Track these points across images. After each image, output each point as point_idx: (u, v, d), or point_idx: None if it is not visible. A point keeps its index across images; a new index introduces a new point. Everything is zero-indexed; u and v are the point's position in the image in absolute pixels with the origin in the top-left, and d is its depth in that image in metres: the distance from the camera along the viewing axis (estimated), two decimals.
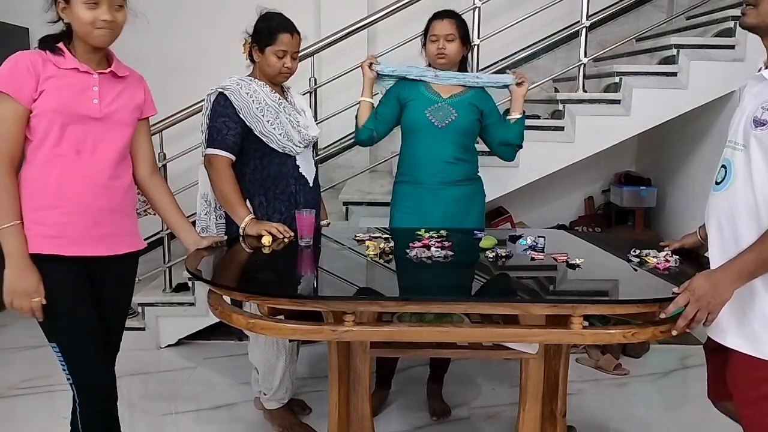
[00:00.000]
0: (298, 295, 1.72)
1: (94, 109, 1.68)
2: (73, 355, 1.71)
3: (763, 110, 1.41)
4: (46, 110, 1.62)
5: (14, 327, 3.62)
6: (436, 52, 2.43)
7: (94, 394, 1.74)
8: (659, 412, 2.67)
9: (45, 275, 1.64)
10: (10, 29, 3.97)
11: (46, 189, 1.64)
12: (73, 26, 1.65)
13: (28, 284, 1.61)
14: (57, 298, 1.66)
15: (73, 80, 1.66)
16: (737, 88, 3.15)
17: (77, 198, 1.68)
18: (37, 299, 1.62)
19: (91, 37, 1.65)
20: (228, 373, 3.04)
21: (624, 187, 3.93)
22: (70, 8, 1.62)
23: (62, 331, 1.69)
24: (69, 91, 1.64)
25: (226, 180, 2.18)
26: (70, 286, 1.68)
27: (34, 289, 1.62)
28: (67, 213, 1.67)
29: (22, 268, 1.61)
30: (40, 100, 1.61)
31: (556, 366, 2.04)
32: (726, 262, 1.44)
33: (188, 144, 3.26)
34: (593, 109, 3.22)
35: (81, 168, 1.68)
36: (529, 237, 2.10)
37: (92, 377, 1.74)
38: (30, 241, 1.63)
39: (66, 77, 1.65)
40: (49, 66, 1.63)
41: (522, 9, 3.61)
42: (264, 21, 2.23)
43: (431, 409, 2.63)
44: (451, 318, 1.90)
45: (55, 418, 2.61)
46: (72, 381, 1.72)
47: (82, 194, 1.68)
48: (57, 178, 1.65)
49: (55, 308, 1.66)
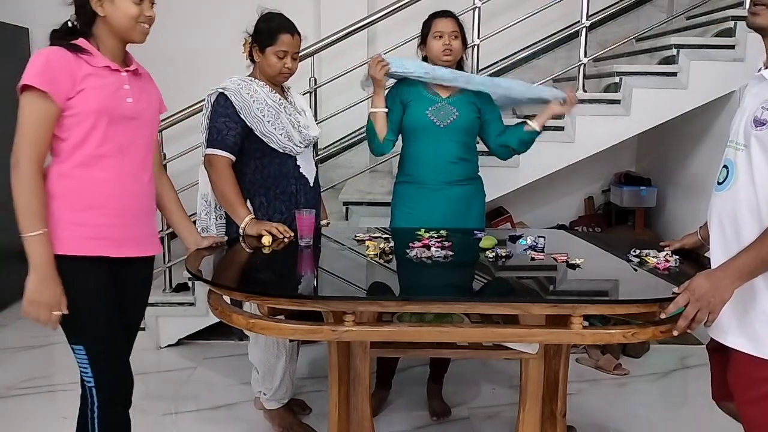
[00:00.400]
0: (298, 295, 1.72)
1: (129, 108, 1.66)
2: (99, 356, 1.66)
3: (763, 110, 1.41)
4: (88, 110, 1.57)
5: (14, 327, 3.62)
6: (442, 49, 2.41)
7: (117, 394, 1.72)
8: (659, 412, 2.67)
9: (79, 277, 1.60)
10: (10, 29, 3.98)
11: (88, 189, 1.61)
12: (112, 21, 1.60)
13: (51, 296, 1.55)
14: (90, 300, 1.62)
15: (108, 79, 1.62)
16: (737, 88, 3.15)
17: (118, 199, 1.66)
18: (57, 312, 1.57)
19: (134, 32, 1.63)
20: (228, 373, 3.04)
21: (624, 187, 3.93)
22: (112, 2, 1.59)
23: (91, 333, 1.65)
24: (107, 90, 1.61)
25: (225, 180, 2.18)
26: (103, 288, 1.66)
27: (56, 302, 1.56)
28: (108, 214, 1.65)
29: (47, 279, 1.55)
30: (78, 100, 1.56)
31: (556, 366, 2.04)
32: (726, 261, 1.44)
33: (188, 144, 3.26)
34: (593, 109, 3.22)
35: (122, 168, 1.66)
36: (529, 237, 2.10)
37: (117, 377, 1.71)
38: (69, 243, 1.59)
39: (101, 76, 1.60)
40: (82, 64, 1.57)
41: (522, 9, 3.61)
42: (265, 21, 2.23)
43: (431, 409, 2.63)
44: (451, 318, 1.90)
45: (55, 418, 2.61)
46: (92, 382, 1.67)
47: (121, 195, 1.67)
48: (100, 179, 1.62)
49: (86, 310, 1.62)
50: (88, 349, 1.65)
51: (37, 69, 1.51)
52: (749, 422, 1.51)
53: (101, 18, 1.61)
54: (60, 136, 1.58)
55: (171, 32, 4.02)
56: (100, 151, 1.61)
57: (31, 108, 1.53)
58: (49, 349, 3.33)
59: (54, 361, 3.21)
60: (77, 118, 1.57)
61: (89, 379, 1.67)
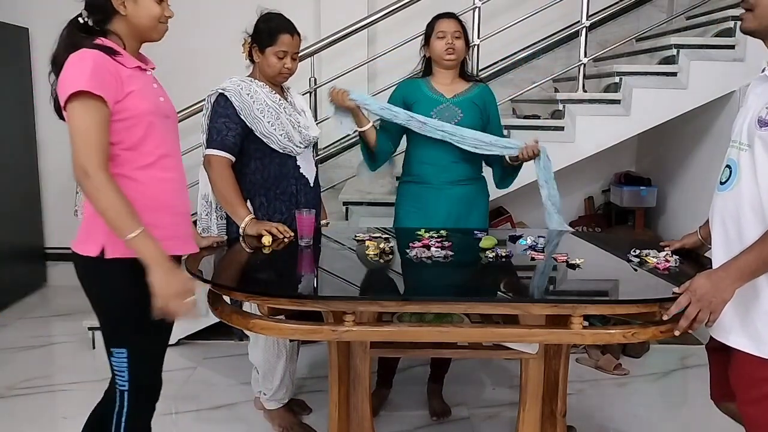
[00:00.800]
0: (298, 295, 1.72)
1: (164, 106, 1.66)
2: (139, 361, 1.63)
3: (767, 110, 1.41)
4: (141, 113, 1.56)
5: (14, 327, 3.62)
6: (445, 48, 2.42)
7: (148, 400, 1.70)
8: (659, 412, 2.67)
9: (134, 279, 1.52)
10: (10, 29, 3.98)
11: (153, 190, 1.60)
12: (134, 20, 1.59)
13: (180, 285, 1.50)
14: (142, 303, 1.53)
15: (142, 79, 1.61)
16: (737, 88, 3.15)
17: (178, 197, 1.68)
18: (191, 298, 1.51)
19: (156, 31, 1.63)
20: (228, 373, 3.04)
21: (624, 187, 3.93)
22: (135, 2, 1.58)
23: (137, 337, 1.62)
24: (148, 90, 1.60)
25: (225, 180, 2.18)
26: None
27: (185, 288, 1.50)
28: (175, 213, 1.67)
29: (167, 271, 1.49)
30: (128, 103, 1.53)
31: (556, 366, 2.04)
32: (727, 261, 1.44)
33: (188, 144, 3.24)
34: (593, 109, 3.22)
35: (177, 166, 1.69)
36: (529, 237, 2.10)
37: (151, 384, 1.70)
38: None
39: (137, 77, 1.59)
40: (119, 66, 1.54)
41: (522, 9, 3.61)
42: (264, 22, 2.23)
43: (431, 409, 2.63)
44: (451, 318, 1.90)
45: (55, 418, 2.62)
46: (126, 386, 1.63)
47: (180, 193, 1.69)
48: (162, 179, 1.62)
49: (137, 314, 1.57)
50: (131, 352, 1.62)
51: (87, 74, 1.46)
52: (751, 422, 1.51)
53: (122, 17, 1.59)
54: (110, 140, 1.53)
55: (171, 32, 4.01)
56: (158, 152, 1.61)
57: (88, 113, 1.47)
58: (49, 349, 3.33)
59: (54, 361, 3.21)
60: (130, 121, 1.55)
61: (123, 383, 1.63)
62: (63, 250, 4.30)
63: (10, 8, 3.99)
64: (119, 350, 1.62)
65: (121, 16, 1.59)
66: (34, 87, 4.18)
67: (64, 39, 1.58)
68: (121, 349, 1.62)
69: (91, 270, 1.58)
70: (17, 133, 4.09)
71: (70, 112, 1.48)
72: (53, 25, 1.65)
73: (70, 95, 1.47)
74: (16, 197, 4.02)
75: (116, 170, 1.55)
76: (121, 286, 1.58)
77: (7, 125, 3.96)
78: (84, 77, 1.46)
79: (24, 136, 4.17)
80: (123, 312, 1.60)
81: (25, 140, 4.18)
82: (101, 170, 1.46)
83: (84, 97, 1.46)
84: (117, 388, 1.65)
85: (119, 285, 1.58)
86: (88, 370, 3.00)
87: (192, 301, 1.52)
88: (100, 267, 1.56)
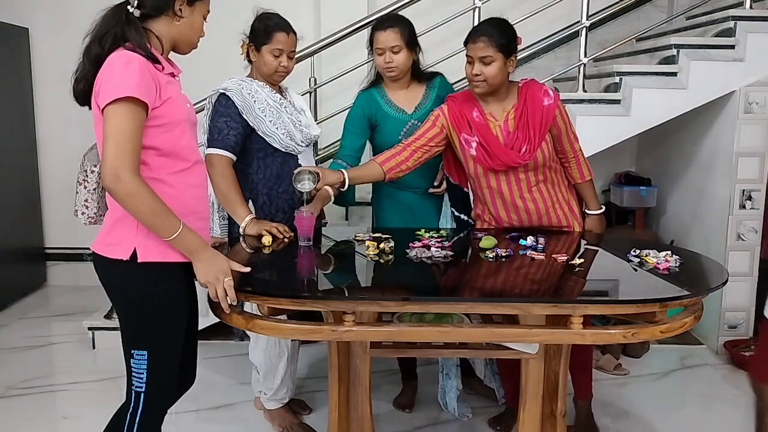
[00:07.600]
0: (298, 295, 1.72)
1: (193, 114, 1.68)
2: (159, 364, 1.63)
3: None
4: (177, 119, 1.57)
5: (14, 327, 3.62)
6: (384, 66, 2.37)
7: (163, 403, 1.71)
8: (659, 412, 2.67)
9: (165, 284, 1.58)
10: (10, 29, 3.97)
11: (185, 195, 1.61)
12: (184, 29, 1.62)
13: (218, 269, 1.57)
14: (170, 307, 1.61)
15: (175, 86, 1.61)
16: (737, 88, 3.15)
17: (204, 202, 1.70)
18: (228, 279, 1.57)
19: (193, 46, 1.68)
20: (228, 373, 3.04)
21: (624, 187, 3.93)
22: (192, 10, 1.62)
23: (160, 340, 1.63)
24: (180, 97, 1.61)
25: (226, 180, 2.19)
26: (186, 295, 1.67)
27: (224, 269, 1.57)
28: (202, 218, 1.68)
29: (209, 258, 1.57)
30: (165, 109, 1.54)
31: (556, 366, 2.04)
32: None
33: None
34: (593, 109, 3.21)
35: (204, 173, 1.71)
36: (529, 237, 2.10)
37: (168, 387, 1.70)
38: (172, 251, 1.56)
39: (172, 83, 1.60)
40: (157, 72, 1.54)
41: (522, 9, 3.60)
42: (260, 21, 2.25)
43: (398, 403, 2.68)
44: (451, 318, 1.90)
45: (55, 418, 2.62)
46: (143, 388, 1.63)
47: (205, 199, 1.71)
48: (192, 184, 1.63)
49: (164, 317, 1.61)
50: (152, 355, 1.62)
51: (136, 80, 1.46)
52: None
53: (170, 21, 1.59)
54: (147, 144, 1.53)
55: None
56: (193, 158, 1.63)
57: (128, 118, 1.47)
58: (49, 349, 3.33)
59: (54, 361, 3.20)
60: (167, 127, 1.56)
61: (141, 384, 1.63)
62: (63, 250, 4.31)
63: (10, 8, 3.98)
64: (140, 352, 1.62)
65: (169, 20, 1.59)
66: (34, 87, 4.17)
67: (112, 26, 1.54)
68: (142, 352, 1.62)
69: (121, 273, 1.58)
70: (17, 133, 4.08)
71: (112, 114, 1.47)
72: (53, 25, 1.65)
73: (115, 99, 1.46)
74: (16, 197, 4.02)
75: (151, 174, 1.55)
76: (150, 289, 1.58)
77: (7, 125, 3.96)
78: (132, 83, 1.46)
79: (24, 136, 4.16)
80: (149, 315, 1.60)
81: (25, 140, 4.17)
82: (135, 175, 1.47)
83: (129, 102, 1.46)
84: (133, 389, 1.65)
85: (149, 288, 1.58)
86: (87, 370, 3.00)
87: (228, 283, 1.58)
88: (131, 270, 1.56)
